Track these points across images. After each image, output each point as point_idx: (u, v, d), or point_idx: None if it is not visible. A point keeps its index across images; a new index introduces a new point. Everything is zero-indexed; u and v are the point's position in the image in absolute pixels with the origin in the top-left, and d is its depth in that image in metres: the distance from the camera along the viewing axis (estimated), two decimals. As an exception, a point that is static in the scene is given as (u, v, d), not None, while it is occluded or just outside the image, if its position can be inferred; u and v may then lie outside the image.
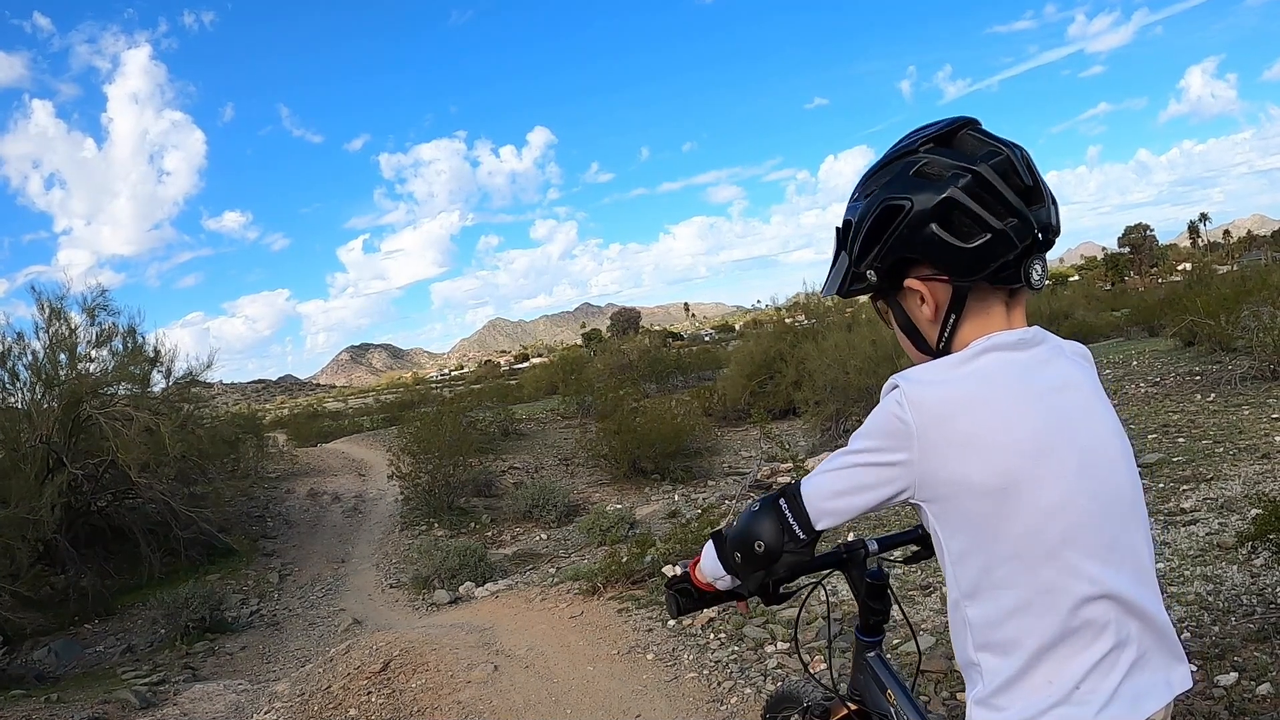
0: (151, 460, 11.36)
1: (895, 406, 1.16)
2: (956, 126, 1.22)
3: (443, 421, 15.17)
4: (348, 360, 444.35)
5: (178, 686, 7.38)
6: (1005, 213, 1.16)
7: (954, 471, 1.13)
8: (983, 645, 1.17)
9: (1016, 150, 1.19)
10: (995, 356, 1.18)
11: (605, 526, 10.42)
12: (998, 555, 1.13)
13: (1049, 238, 1.20)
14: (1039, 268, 1.20)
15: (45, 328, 12.21)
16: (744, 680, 4.37)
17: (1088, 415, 1.20)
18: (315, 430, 27.35)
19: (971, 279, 1.19)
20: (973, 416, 1.13)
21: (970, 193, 1.16)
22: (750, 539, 1.37)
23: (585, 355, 39.59)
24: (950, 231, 1.17)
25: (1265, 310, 10.41)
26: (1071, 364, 1.24)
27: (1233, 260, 50.90)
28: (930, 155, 1.20)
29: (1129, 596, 1.14)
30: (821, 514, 1.27)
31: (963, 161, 1.18)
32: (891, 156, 1.25)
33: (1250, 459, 6.45)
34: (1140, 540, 1.20)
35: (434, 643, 5.77)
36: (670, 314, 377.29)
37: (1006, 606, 1.14)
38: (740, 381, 19.15)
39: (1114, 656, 1.13)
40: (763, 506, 1.36)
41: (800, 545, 1.32)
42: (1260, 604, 3.79)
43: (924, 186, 1.19)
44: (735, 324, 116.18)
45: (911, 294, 1.25)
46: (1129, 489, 1.21)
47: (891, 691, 1.60)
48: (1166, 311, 16.49)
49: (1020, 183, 1.17)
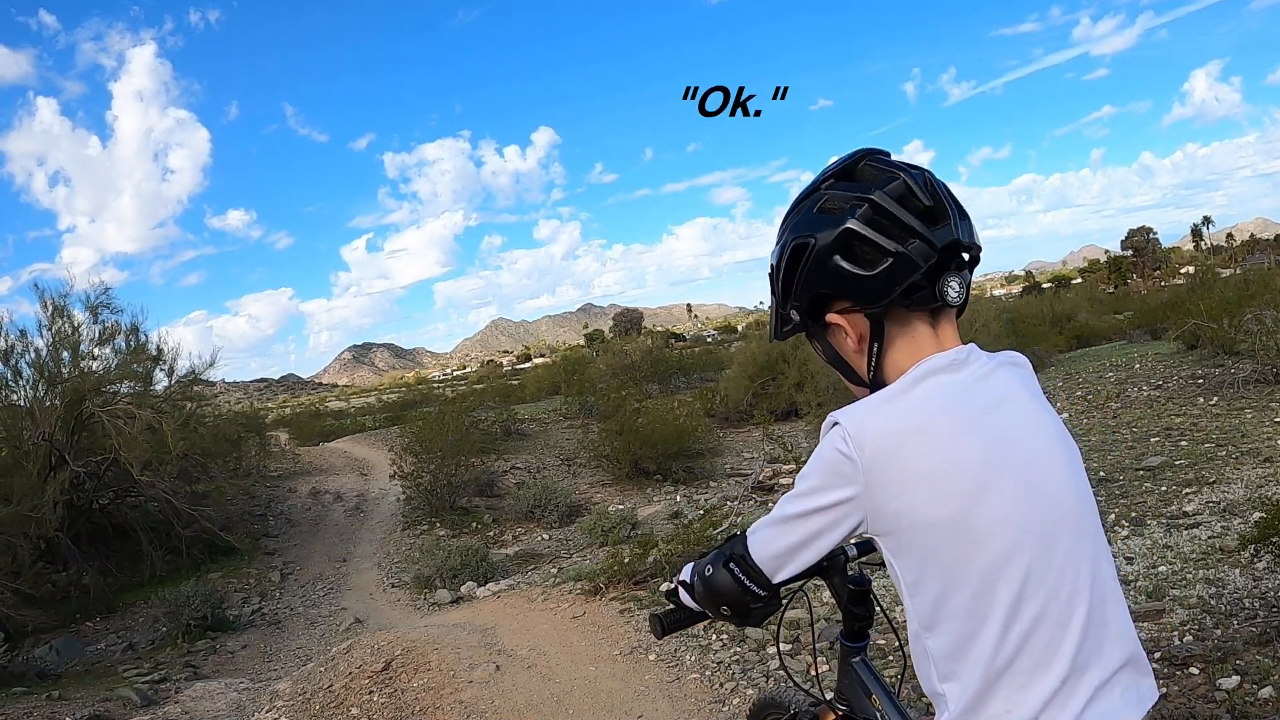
0: (154, 458, 11.37)
1: (839, 443, 1.14)
2: (857, 159, 1.24)
3: (445, 421, 15.17)
4: (350, 359, 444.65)
5: (179, 685, 7.39)
6: (905, 235, 1.17)
7: (902, 504, 1.12)
8: (945, 676, 1.16)
9: (916, 173, 1.21)
10: (932, 382, 1.17)
11: (607, 527, 10.42)
12: (949, 585, 1.12)
13: (963, 254, 1.21)
14: (955, 284, 1.20)
15: (48, 325, 12.22)
16: (746, 681, 4.37)
17: (1026, 428, 1.18)
18: (317, 429, 27.35)
19: (882, 304, 1.20)
20: (915, 448, 1.12)
21: (867, 221, 1.18)
22: (715, 600, 1.38)
23: (588, 355, 39.58)
24: (852, 261, 1.19)
25: (1268, 314, 10.38)
26: (1008, 375, 1.23)
27: (1236, 264, 50.76)
28: (831, 190, 1.23)
29: (1083, 613, 1.12)
30: (776, 570, 1.28)
31: (859, 192, 1.19)
32: (800, 197, 1.28)
33: (1253, 462, 6.45)
34: (1091, 551, 1.17)
35: (436, 642, 5.78)
36: (673, 315, 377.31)
37: (962, 635, 1.12)
38: (743, 383, 19.14)
39: (1074, 681, 1.10)
40: (715, 569, 1.36)
41: (765, 600, 1.33)
42: (1263, 607, 3.79)
43: (825, 222, 1.21)
44: (738, 325, 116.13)
45: (835, 328, 1.26)
46: (1074, 500, 1.18)
47: (876, 696, 1.60)
48: (1169, 315, 16.45)
49: (919, 204, 1.18)
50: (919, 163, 1.25)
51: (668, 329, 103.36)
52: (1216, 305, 12.42)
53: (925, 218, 1.18)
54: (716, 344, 58.60)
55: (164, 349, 13.25)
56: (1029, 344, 19.05)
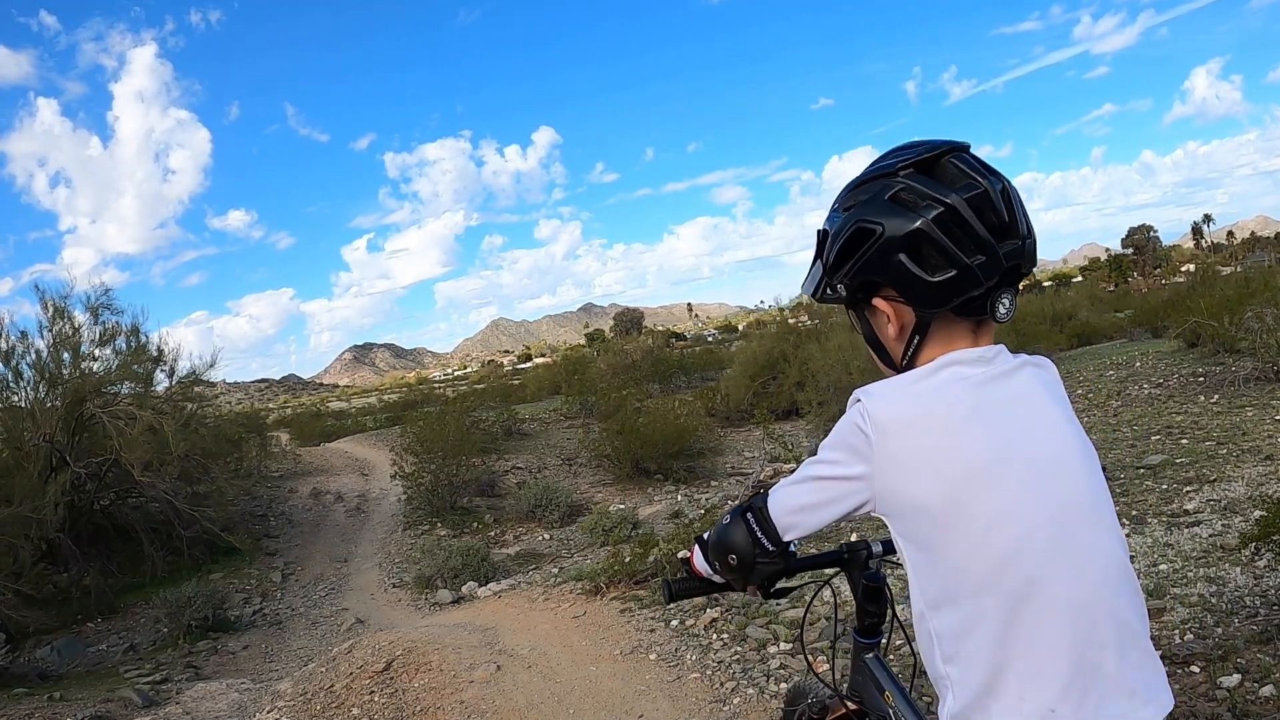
0: (154, 459, 11.38)
1: (858, 418, 1.18)
2: (941, 153, 1.21)
3: (446, 421, 15.16)
4: (351, 360, 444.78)
5: (180, 685, 7.39)
6: (974, 249, 1.16)
7: (907, 486, 1.15)
8: (949, 658, 1.17)
9: (996, 182, 1.19)
10: (952, 371, 1.19)
11: (608, 527, 10.43)
12: (954, 568, 1.14)
13: (1021, 271, 1.20)
14: (1006, 301, 1.20)
15: (49, 326, 12.23)
16: (747, 681, 4.37)
17: (1040, 425, 1.20)
18: (318, 429, 27.36)
19: (935, 310, 1.21)
20: (924, 432, 1.15)
21: (941, 226, 1.16)
22: (724, 551, 1.41)
23: (588, 355, 39.56)
24: (917, 263, 1.18)
25: (1269, 312, 10.37)
26: (1030, 376, 1.24)
27: (1236, 262, 50.74)
28: (908, 181, 1.20)
29: (1094, 603, 1.12)
30: (788, 527, 1.31)
31: (937, 192, 1.17)
32: (873, 174, 1.25)
33: (1253, 460, 6.44)
34: (1106, 542, 1.17)
35: (437, 642, 5.78)
36: (673, 314, 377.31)
37: (968, 619, 1.13)
38: (743, 382, 19.14)
39: (1090, 675, 1.10)
40: (733, 519, 1.40)
41: (771, 556, 1.36)
42: (1264, 605, 3.79)
43: (897, 213, 1.19)
44: (738, 324, 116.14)
45: (878, 312, 1.27)
46: (1087, 494, 1.19)
47: (890, 693, 1.60)
48: (1170, 313, 16.44)
49: (994, 219, 1.17)
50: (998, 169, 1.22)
51: (668, 328, 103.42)
52: (1217, 303, 12.42)
53: (997, 233, 1.17)
54: (717, 343, 58.58)
55: (165, 350, 13.28)
56: (1030, 342, 19.04)
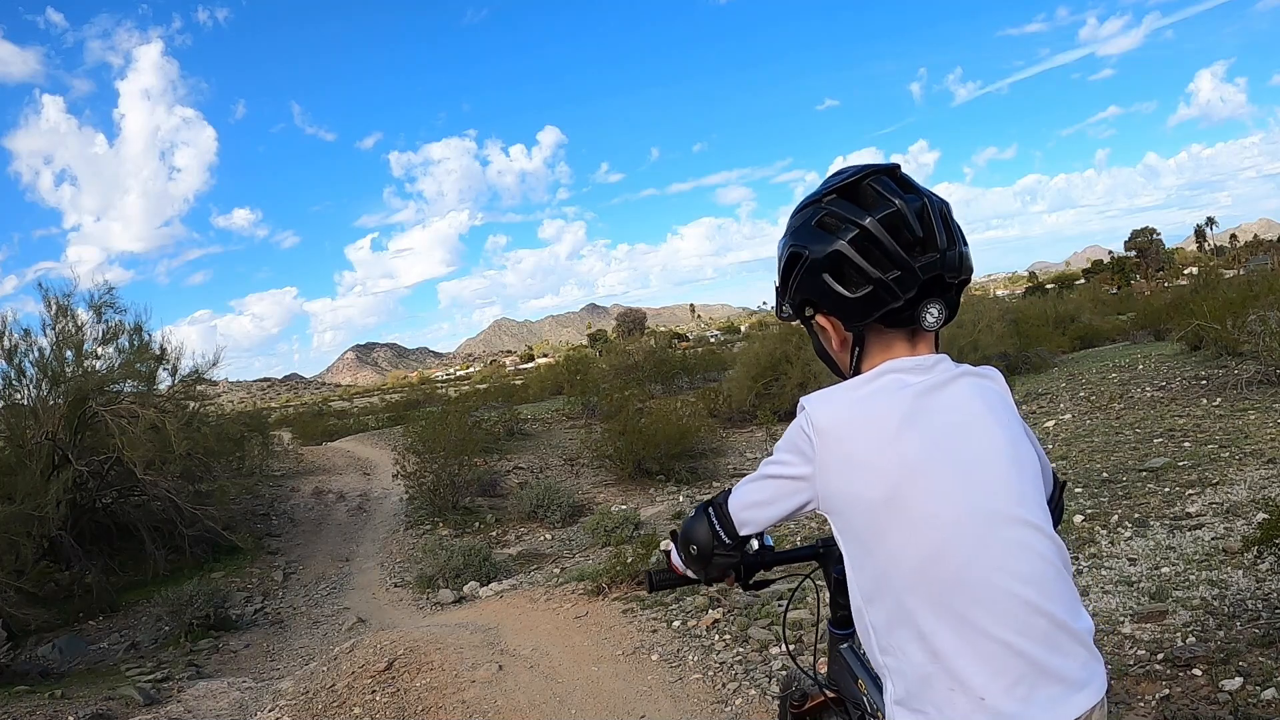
0: (157, 457, 11.38)
1: (802, 423, 1.26)
2: (862, 177, 1.30)
3: (448, 421, 15.17)
4: (354, 359, 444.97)
5: (182, 683, 7.39)
6: (889, 265, 1.24)
7: (844, 486, 1.22)
8: (885, 649, 1.23)
9: (915, 200, 1.26)
10: (890, 379, 1.27)
11: (610, 527, 10.43)
12: (886, 562, 1.20)
13: (945, 281, 1.27)
14: (934, 310, 1.28)
15: (52, 324, 12.22)
16: (749, 681, 4.37)
17: (972, 431, 1.25)
18: (320, 429, 27.40)
19: (860, 324, 1.30)
20: (859, 435, 1.22)
21: (856, 246, 1.26)
22: (687, 542, 1.52)
23: (591, 356, 39.57)
24: (839, 281, 1.28)
25: (1272, 315, 10.37)
26: (968, 386, 1.30)
27: (1239, 265, 50.72)
28: (830, 207, 1.30)
29: (1022, 595, 1.17)
30: (743, 523, 1.41)
31: (854, 215, 1.27)
32: (806, 202, 1.36)
33: (1256, 463, 6.44)
34: (1032, 539, 1.21)
35: (438, 642, 5.78)
36: (676, 315, 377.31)
37: (900, 611, 1.19)
38: (746, 383, 19.14)
39: (1018, 662, 1.15)
40: (697, 513, 1.50)
41: (728, 549, 1.45)
42: (1266, 609, 3.78)
43: (820, 238, 1.29)
44: (741, 325, 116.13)
45: (823, 328, 1.37)
46: (1014, 493, 1.23)
47: (863, 681, 1.67)
48: (1172, 316, 16.47)
49: (908, 236, 1.25)
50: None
51: (671, 329, 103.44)
52: (1220, 306, 12.42)
53: (913, 248, 1.25)
54: (720, 344, 58.63)
55: (167, 348, 13.28)
56: (1032, 345, 19.07)
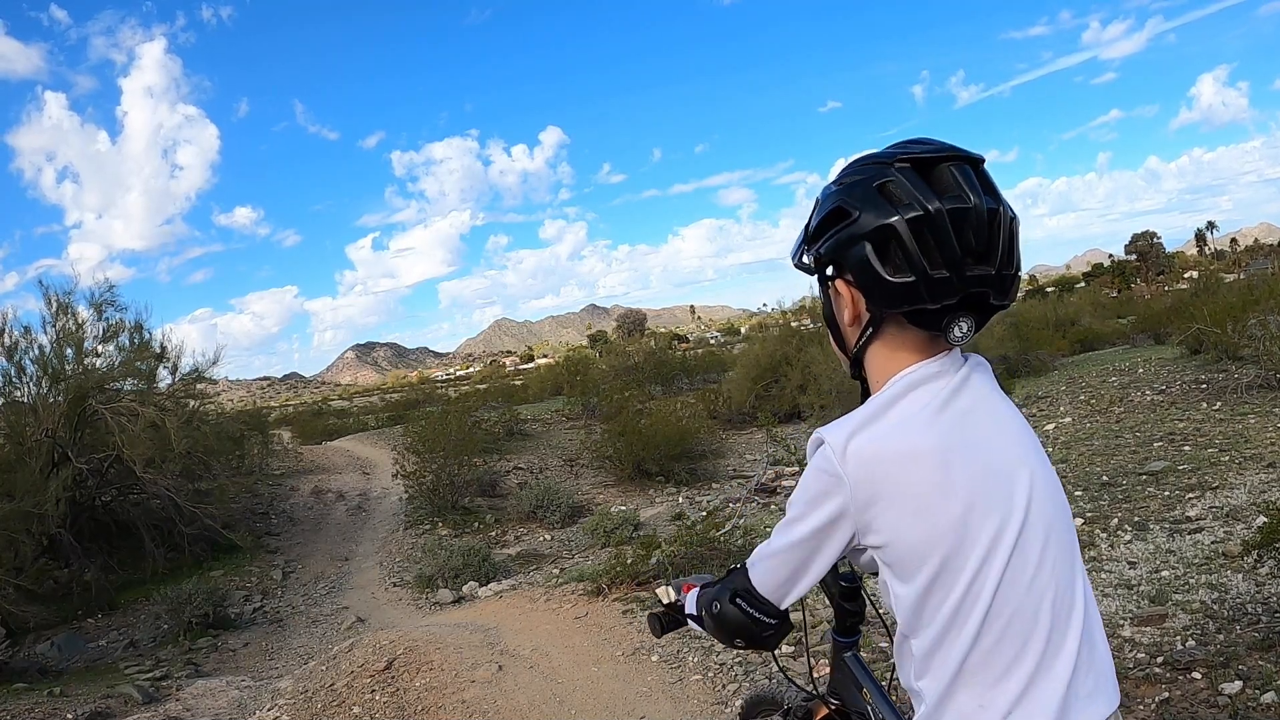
0: (156, 456, 11.40)
1: (823, 462, 1.17)
2: (945, 157, 1.16)
3: (448, 421, 15.19)
4: (354, 358, 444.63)
5: (180, 682, 7.40)
6: (940, 263, 1.12)
7: (893, 521, 1.14)
8: (921, 674, 1.20)
9: (990, 204, 1.14)
10: (913, 399, 1.18)
11: (609, 528, 10.43)
12: (934, 594, 1.15)
13: (989, 302, 1.17)
14: (964, 326, 1.17)
15: (53, 322, 12.27)
16: (749, 682, 4.37)
17: (1003, 439, 1.20)
18: (320, 428, 27.42)
19: (885, 310, 1.19)
20: (908, 472, 1.14)
21: (914, 228, 1.12)
22: (729, 635, 1.41)
23: (591, 356, 39.54)
24: (881, 258, 1.15)
25: (1272, 319, 10.37)
26: (980, 384, 1.23)
27: (1239, 268, 50.70)
28: (899, 175, 1.15)
29: (1055, 619, 1.15)
30: (783, 597, 1.30)
31: (923, 195, 1.13)
32: (872, 159, 1.21)
33: (1256, 467, 6.44)
34: (1067, 559, 1.19)
35: (438, 642, 5.78)
36: (676, 316, 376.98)
37: (940, 637, 1.16)
38: (746, 384, 19.15)
39: (1044, 682, 1.14)
40: (723, 607, 1.39)
41: (776, 626, 1.36)
42: (1265, 613, 3.78)
43: (877, 203, 1.15)
44: (741, 327, 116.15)
45: (839, 294, 1.25)
46: (1051, 511, 1.20)
47: (867, 690, 1.64)
48: (1173, 319, 16.46)
49: (972, 239, 1.13)
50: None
51: (671, 330, 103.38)
52: (1220, 310, 12.42)
53: (972, 254, 1.13)
54: (720, 345, 58.61)
55: (167, 346, 13.31)
56: (1032, 347, 19.04)
